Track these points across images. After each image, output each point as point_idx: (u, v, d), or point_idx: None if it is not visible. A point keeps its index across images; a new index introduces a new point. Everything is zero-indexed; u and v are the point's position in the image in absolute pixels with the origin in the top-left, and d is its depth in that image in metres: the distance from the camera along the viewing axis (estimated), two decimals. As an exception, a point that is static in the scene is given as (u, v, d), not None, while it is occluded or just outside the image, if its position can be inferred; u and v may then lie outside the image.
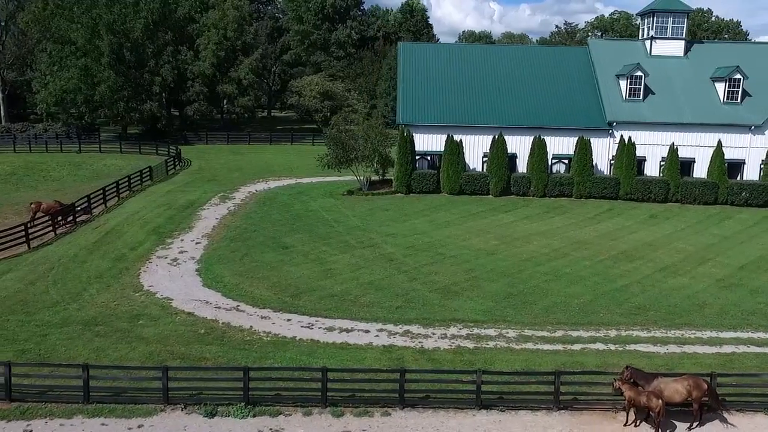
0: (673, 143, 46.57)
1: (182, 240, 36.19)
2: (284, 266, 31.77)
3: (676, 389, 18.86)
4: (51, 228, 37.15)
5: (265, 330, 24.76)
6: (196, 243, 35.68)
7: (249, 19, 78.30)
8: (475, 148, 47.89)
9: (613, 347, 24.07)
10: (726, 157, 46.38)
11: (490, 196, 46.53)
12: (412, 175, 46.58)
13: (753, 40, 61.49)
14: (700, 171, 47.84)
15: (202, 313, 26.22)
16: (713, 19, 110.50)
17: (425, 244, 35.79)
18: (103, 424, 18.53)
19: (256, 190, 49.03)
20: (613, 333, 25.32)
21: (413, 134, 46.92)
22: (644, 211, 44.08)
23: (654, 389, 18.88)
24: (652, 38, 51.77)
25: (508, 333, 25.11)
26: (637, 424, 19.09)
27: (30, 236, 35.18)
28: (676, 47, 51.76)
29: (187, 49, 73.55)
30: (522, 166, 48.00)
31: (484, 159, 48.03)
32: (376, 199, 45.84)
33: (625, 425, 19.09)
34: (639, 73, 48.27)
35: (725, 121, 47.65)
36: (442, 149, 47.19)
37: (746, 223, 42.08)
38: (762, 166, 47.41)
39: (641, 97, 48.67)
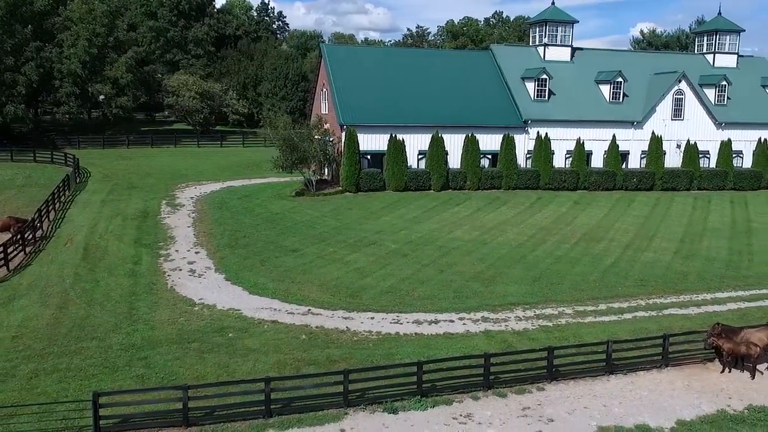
0: (579, 138, 53.15)
1: (177, 251, 34.39)
2: (313, 269, 31.94)
3: (760, 337, 23.30)
4: (19, 247, 33.17)
5: (364, 329, 25.35)
6: (196, 252, 34.19)
7: (117, 14, 72.85)
8: (412, 147, 50.44)
9: (654, 313, 28.28)
10: (616, 149, 54.09)
11: (432, 191, 49.49)
12: (360, 174, 47.95)
13: (624, 49, 71.41)
14: (597, 161, 55.07)
15: (284, 320, 25.96)
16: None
17: (420, 239, 37.73)
18: (307, 435, 18.52)
19: (196, 196, 47.03)
20: (642, 302, 29.60)
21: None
22: (566, 198, 49.90)
23: (742, 339, 23.17)
24: (545, 45, 58.14)
25: (565, 311, 28.27)
26: (730, 370, 23.28)
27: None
28: (565, 53, 58.69)
29: (52, 46, 66.73)
30: (453, 162, 51.57)
31: (420, 157, 50.85)
32: (331, 199, 46.55)
33: (721, 372, 23.17)
34: (544, 76, 54.20)
35: (613, 118, 55.32)
36: (381, 148, 49.21)
37: (648, 204, 49.59)
38: (642, 156, 55.87)
39: (547, 98, 54.69)
